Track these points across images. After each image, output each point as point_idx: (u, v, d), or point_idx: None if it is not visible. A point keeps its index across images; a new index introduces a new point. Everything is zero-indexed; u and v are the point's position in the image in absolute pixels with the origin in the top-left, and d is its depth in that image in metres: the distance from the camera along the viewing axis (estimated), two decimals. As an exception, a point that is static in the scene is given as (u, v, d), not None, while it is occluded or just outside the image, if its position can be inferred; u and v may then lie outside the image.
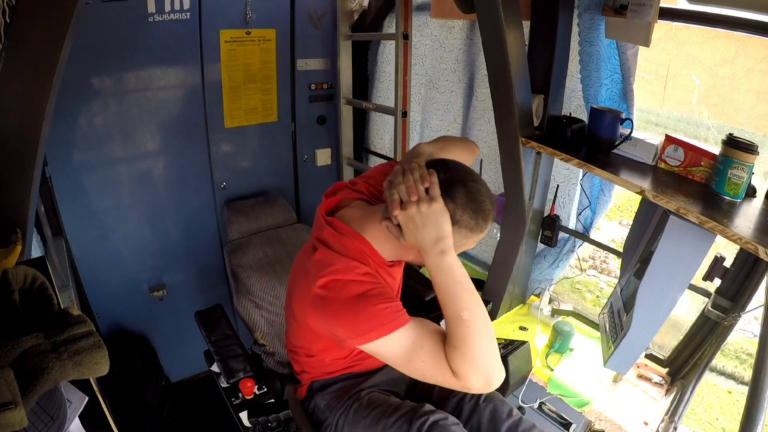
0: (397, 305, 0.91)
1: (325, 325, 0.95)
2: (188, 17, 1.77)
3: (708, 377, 1.50)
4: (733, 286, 1.34)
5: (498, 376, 0.87)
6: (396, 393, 1.25)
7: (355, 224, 0.99)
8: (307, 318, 0.97)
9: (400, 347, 0.88)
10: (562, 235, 1.77)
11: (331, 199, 1.07)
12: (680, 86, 2.33)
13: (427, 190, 0.87)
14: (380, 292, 0.92)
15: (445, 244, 0.86)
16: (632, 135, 1.38)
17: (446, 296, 0.88)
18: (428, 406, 1.04)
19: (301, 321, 1.05)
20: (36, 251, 1.36)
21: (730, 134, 1.18)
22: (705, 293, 1.45)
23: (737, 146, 1.15)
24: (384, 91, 2.31)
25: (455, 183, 0.88)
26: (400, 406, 1.07)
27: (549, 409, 1.52)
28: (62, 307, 0.79)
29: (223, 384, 1.37)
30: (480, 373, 0.85)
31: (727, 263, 1.33)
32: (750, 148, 1.14)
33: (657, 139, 1.36)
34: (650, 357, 1.60)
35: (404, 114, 1.92)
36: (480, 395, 1.18)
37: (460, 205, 0.87)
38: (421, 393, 1.26)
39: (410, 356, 0.88)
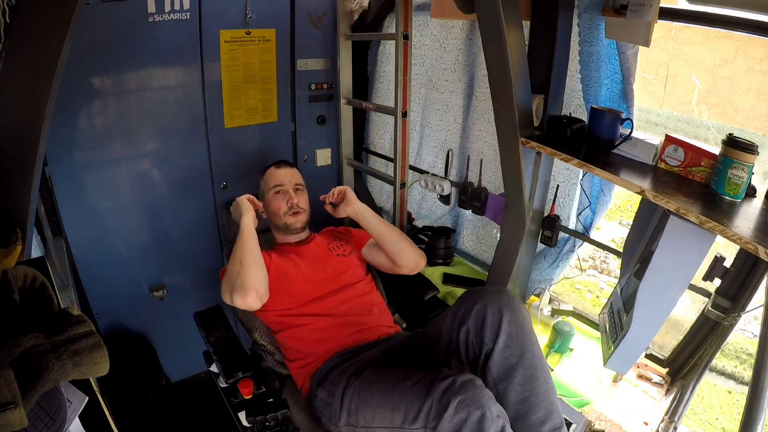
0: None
1: None
2: (188, 17, 1.77)
3: (708, 377, 1.49)
4: (733, 286, 1.34)
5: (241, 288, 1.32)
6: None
7: None
8: None
9: None
10: (562, 235, 1.77)
11: None
12: (680, 86, 2.32)
13: None
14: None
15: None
16: (632, 135, 1.38)
17: None
18: (447, 370, 0.98)
19: None
20: (36, 251, 1.36)
21: (730, 134, 1.17)
22: (705, 293, 1.45)
23: (737, 146, 1.15)
24: (384, 91, 2.31)
25: None
26: (414, 372, 1.02)
27: (549, 409, 1.52)
28: (62, 307, 0.79)
29: (222, 384, 1.37)
30: (227, 283, 1.37)
31: (727, 263, 1.33)
32: (750, 148, 1.14)
33: (657, 139, 1.36)
34: (650, 357, 1.60)
35: (404, 114, 1.92)
36: None
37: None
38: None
39: None
